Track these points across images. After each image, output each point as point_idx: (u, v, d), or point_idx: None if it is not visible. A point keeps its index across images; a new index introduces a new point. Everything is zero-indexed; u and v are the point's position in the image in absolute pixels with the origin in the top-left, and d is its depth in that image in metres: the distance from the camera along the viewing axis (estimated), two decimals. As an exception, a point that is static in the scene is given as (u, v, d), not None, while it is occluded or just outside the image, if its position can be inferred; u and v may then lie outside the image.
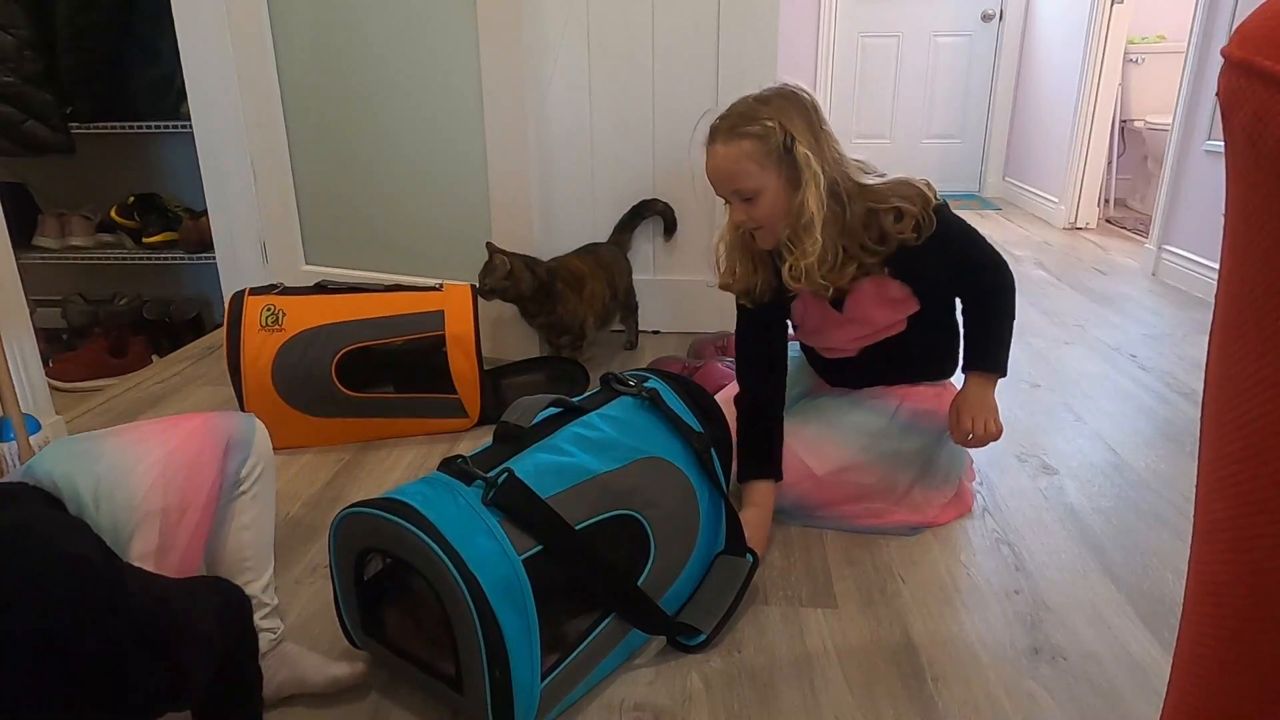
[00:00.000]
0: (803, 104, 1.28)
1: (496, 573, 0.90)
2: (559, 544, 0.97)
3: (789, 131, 1.24)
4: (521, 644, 0.91)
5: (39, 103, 2.34)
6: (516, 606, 0.91)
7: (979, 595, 1.24)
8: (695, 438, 1.18)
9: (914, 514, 1.41)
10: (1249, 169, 0.43)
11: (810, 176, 1.23)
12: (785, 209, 1.27)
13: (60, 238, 2.61)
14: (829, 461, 1.40)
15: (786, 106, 1.26)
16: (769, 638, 1.14)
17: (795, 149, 1.23)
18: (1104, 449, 1.70)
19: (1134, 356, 2.22)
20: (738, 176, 1.27)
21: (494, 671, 0.90)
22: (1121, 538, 1.38)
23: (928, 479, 1.43)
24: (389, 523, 0.92)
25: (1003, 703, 1.02)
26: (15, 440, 1.34)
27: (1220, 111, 0.45)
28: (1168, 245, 2.99)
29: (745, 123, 1.25)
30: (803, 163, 1.23)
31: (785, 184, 1.26)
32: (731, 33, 2.12)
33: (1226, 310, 0.48)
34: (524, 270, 1.93)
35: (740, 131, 1.25)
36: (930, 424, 1.42)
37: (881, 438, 1.40)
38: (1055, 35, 4.24)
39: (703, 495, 1.17)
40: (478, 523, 0.93)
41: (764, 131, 1.24)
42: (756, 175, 1.26)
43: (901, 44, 4.82)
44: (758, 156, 1.25)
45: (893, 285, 1.34)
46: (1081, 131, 3.83)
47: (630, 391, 1.19)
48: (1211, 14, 2.76)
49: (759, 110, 1.26)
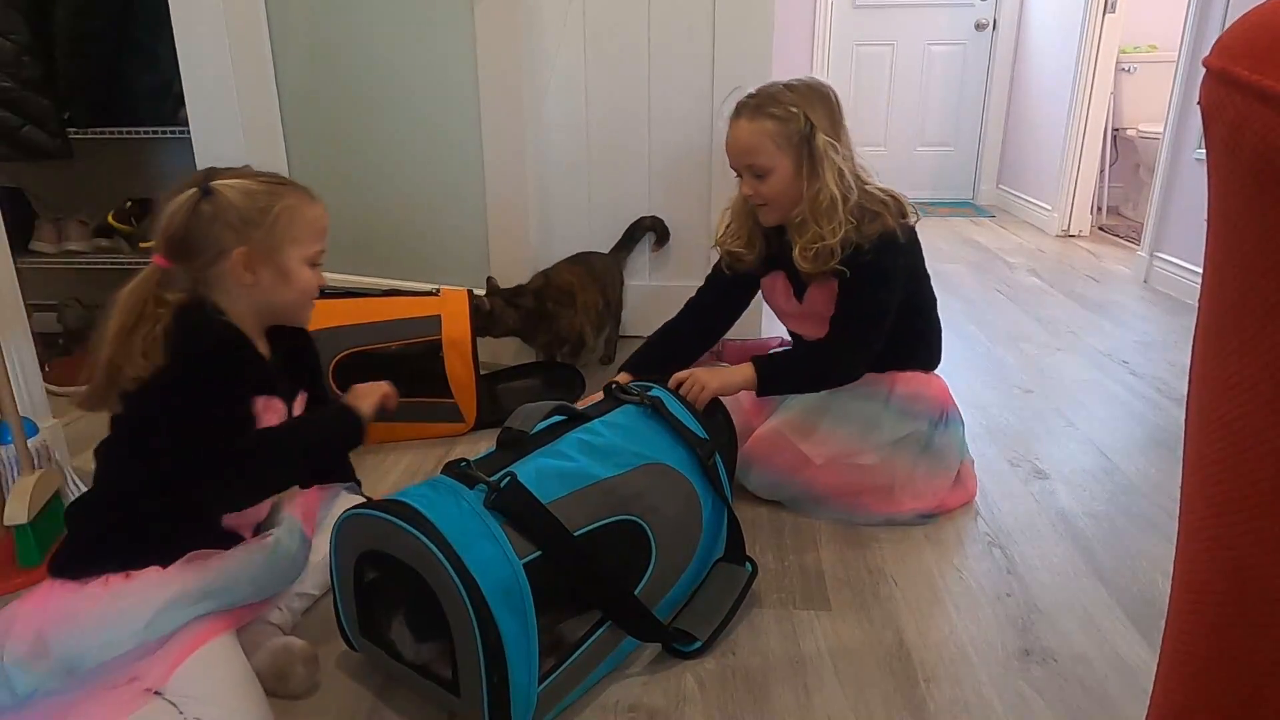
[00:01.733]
0: (828, 98, 1.37)
1: (497, 576, 0.90)
2: (557, 549, 0.98)
3: (810, 120, 1.33)
4: (519, 648, 0.91)
5: (37, 108, 2.34)
6: (515, 610, 0.91)
7: (971, 598, 1.25)
8: (699, 444, 1.19)
9: (920, 501, 1.43)
10: (1228, 176, 0.45)
11: (829, 164, 1.32)
12: (792, 191, 1.35)
13: (57, 243, 2.61)
14: (826, 449, 1.42)
15: (812, 96, 1.35)
16: (763, 639, 1.15)
17: (815, 136, 1.32)
18: (1095, 454, 1.71)
19: (1126, 363, 2.24)
20: (755, 151, 1.36)
21: (491, 675, 0.90)
22: (1112, 541, 1.39)
23: (926, 463, 1.44)
24: (390, 525, 0.93)
25: (994, 704, 1.03)
26: (13, 443, 1.34)
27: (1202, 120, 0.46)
28: (1159, 253, 3.02)
29: (771, 104, 1.35)
30: (823, 149, 1.32)
31: (796, 168, 1.35)
32: (727, 42, 2.14)
33: (1208, 313, 0.49)
34: (505, 308, 1.92)
35: (765, 111, 1.34)
36: (924, 407, 1.44)
37: (877, 424, 1.43)
38: (1048, 44, 4.27)
39: (705, 501, 1.18)
40: (479, 526, 0.93)
41: (787, 115, 1.33)
42: (772, 154, 1.35)
43: (896, 53, 4.85)
44: (777, 137, 1.34)
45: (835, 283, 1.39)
46: (1074, 140, 3.86)
47: (634, 399, 1.20)
48: (1201, 24, 2.79)
49: (786, 95, 1.35)
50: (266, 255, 1.05)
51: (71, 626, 0.95)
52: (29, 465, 1.35)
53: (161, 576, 0.99)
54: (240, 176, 1.06)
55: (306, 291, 1.11)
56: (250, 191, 1.04)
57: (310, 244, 1.09)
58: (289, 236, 1.06)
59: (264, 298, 1.08)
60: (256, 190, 1.05)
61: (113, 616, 0.95)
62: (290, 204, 1.07)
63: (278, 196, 1.06)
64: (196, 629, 0.98)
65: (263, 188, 1.05)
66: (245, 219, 1.03)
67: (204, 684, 0.94)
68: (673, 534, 1.12)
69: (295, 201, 1.07)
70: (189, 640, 0.97)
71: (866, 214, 1.34)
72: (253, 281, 1.06)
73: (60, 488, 1.41)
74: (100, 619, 0.95)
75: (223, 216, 1.02)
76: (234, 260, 1.03)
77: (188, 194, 1.02)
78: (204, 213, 1.02)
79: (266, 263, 1.06)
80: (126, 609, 0.96)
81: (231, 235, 1.03)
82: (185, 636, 0.97)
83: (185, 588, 0.99)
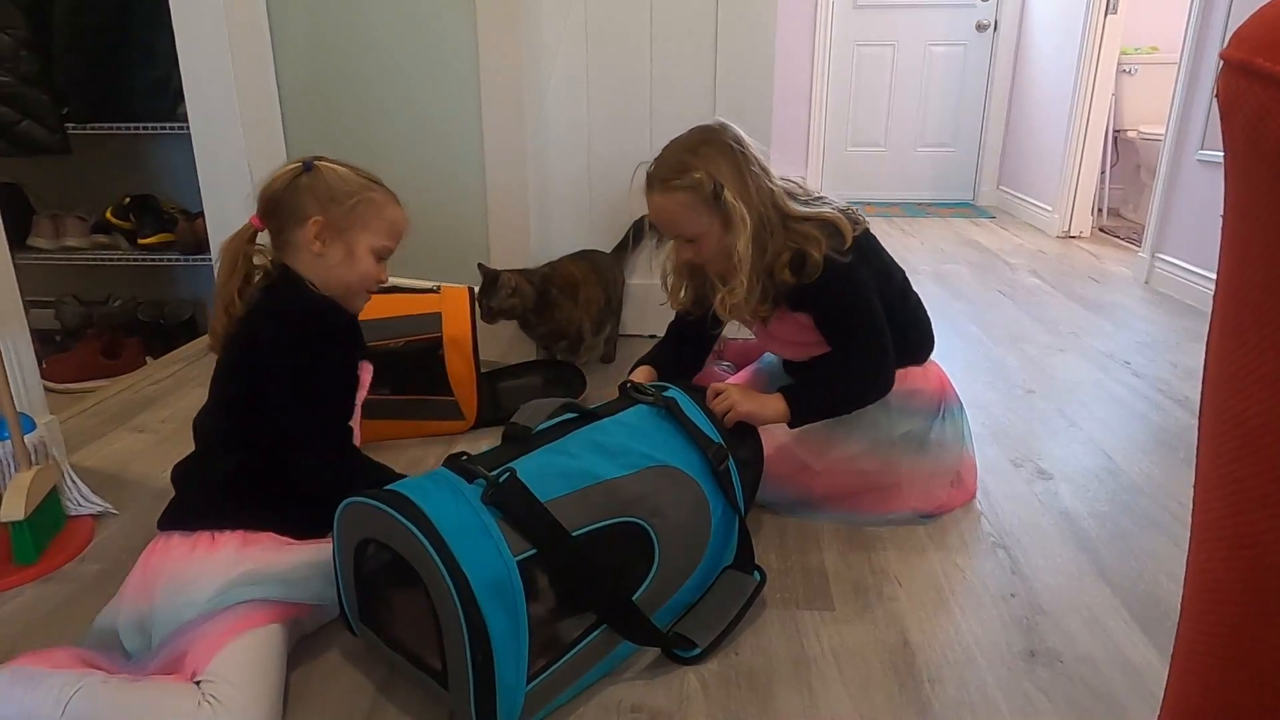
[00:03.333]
0: (728, 148, 1.32)
1: (488, 571, 0.89)
2: (553, 548, 0.96)
3: (716, 180, 1.29)
4: (508, 645, 0.90)
5: (35, 103, 2.33)
6: (507, 607, 0.90)
7: (975, 598, 1.24)
8: (712, 449, 1.16)
9: (919, 501, 1.42)
10: (1249, 169, 0.44)
11: (739, 222, 1.29)
12: (728, 243, 1.32)
13: (55, 239, 2.60)
14: (825, 452, 1.41)
15: (714, 155, 1.31)
16: (766, 640, 1.14)
17: (724, 196, 1.29)
18: (1098, 454, 1.70)
19: (1127, 363, 2.24)
20: (678, 224, 1.35)
21: (478, 671, 0.89)
22: (1116, 542, 1.39)
23: (927, 460, 1.43)
24: (384, 514, 0.93)
25: (999, 704, 1.03)
26: (10, 439, 1.33)
27: (1219, 114, 0.46)
28: (1160, 254, 3.01)
29: (676, 175, 1.31)
30: (729, 210, 1.29)
31: (723, 226, 1.31)
32: (729, 41, 2.13)
33: (1225, 310, 0.49)
34: (526, 284, 1.92)
35: (673, 185, 1.31)
36: (922, 403, 1.43)
37: (876, 425, 1.41)
38: (1049, 45, 4.27)
39: (716, 507, 1.15)
40: (475, 520, 0.92)
41: (694, 183, 1.30)
42: (695, 222, 1.33)
43: (896, 53, 4.85)
44: (694, 205, 1.31)
45: (802, 315, 1.37)
46: (1075, 141, 3.86)
47: (648, 399, 1.19)
48: (1204, 25, 2.79)
49: (688, 161, 1.31)
50: (339, 231, 1.16)
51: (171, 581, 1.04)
52: (26, 461, 1.34)
53: (238, 551, 1.06)
54: (342, 164, 1.20)
55: (367, 277, 1.20)
56: (344, 177, 1.18)
57: (382, 237, 1.20)
58: (363, 222, 1.18)
59: (328, 273, 1.17)
60: (350, 178, 1.18)
61: (192, 578, 1.03)
62: (375, 197, 1.20)
63: (367, 189, 1.19)
64: (252, 610, 1.01)
65: (356, 179, 1.19)
66: (331, 195, 1.16)
67: (232, 666, 0.96)
68: (678, 539, 1.10)
69: (381, 198, 1.21)
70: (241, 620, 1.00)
71: (795, 256, 1.30)
72: (320, 251, 1.16)
73: (57, 484, 1.40)
74: (184, 577, 1.03)
75: (314, 188, 1.15)
76: (309, 227, 1.15)
77: (291, 166, 1.17)
78: (300, 184, 1.16)
79: (338, 239, 1.16)
80: (205, 574, 1.03)
81: (314, 204, 1.15)
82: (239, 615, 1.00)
83: (255, 565, 1.04)
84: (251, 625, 1.00)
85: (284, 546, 1.09)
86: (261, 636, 1.00)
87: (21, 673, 0.96)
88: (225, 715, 0.92)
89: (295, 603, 1.07)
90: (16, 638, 1.15)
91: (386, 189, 1.22)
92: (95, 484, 1.49)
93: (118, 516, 1.45)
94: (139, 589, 1.07)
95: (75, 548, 1.36)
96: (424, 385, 1.75)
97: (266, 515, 1.10)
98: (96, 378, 2.31)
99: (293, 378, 1.13)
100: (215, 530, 1.07)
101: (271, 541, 1.09)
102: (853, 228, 1.33)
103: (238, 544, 1.06)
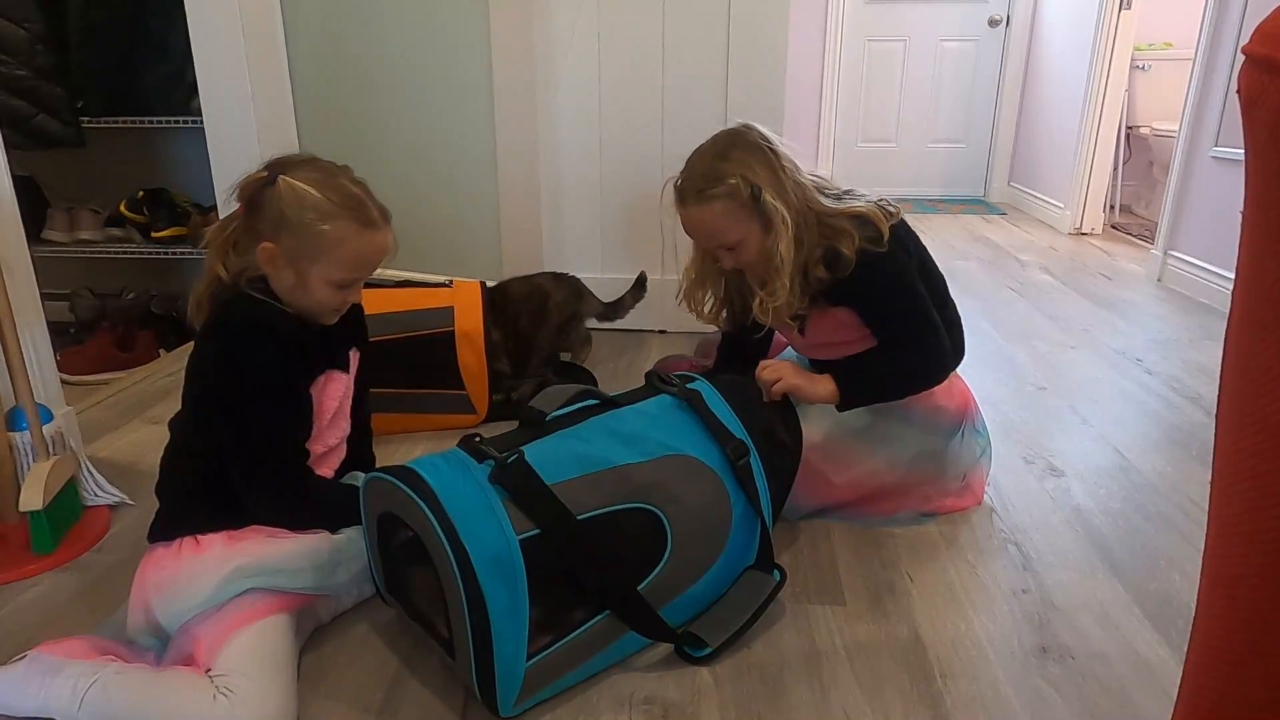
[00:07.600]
0: (758, 148, 1.29)
1: (489, 546, 0.92)
2: (555, 529, 0.97)
3: (753, 183, 1.26)
4: (506, 619, 0.92)
5: (50, 97, 2.34)
6: (506, 582, 0.92)
7: (987, 594, 1.24)
8: (731, 444, 1.13)
9: (920, 501, 1.43)
10: (1270, 164, 0.44)
11: (780, 223, 1.26)
12: (767, 250, 1.29)
13: (69, 231, 2.61)
14: (847, 468, 1.39)
15: (746, 158, 1.28)
16: (778, 634, 1.15)
17: (763, 198, 1.26)
18: (1110, 452, 1.70)
19: (1140, 361, 2.23)
20: (718, 234, 1.31)
21: (477, 642, 0.92)
22: (1128, 539, 1.38)
23: (943, 476, 1.43)
24: (397, 489, 0.96)
25: (1011, 700, 1.03)
26: (28, 430, 1.34)
27: (1241, 109, 0.46)
28: (1173, 251, 3.00)
29: (710, 184, 1.27)
30: (770, 212, 1.26)
31: (763, 229, 1.29)
32: (741, 37, 2.13)
33: (1244, 306, 0.48)
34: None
35: (708, 194, 1.28)
36: (945, 420, 1.41)
37: (897, 440, 1.40)
38: (1062, 41, 4.25)
39: (737, 503, 1.13)
40: (480, 498, 0.95)
41: (730, 190, 1.26)
42: (736, 229, 1.29)
43: (908, 49, 4.83)
44: (732, 212, 1.28)
45: (842, 311, 1.35)
46: (1087, 137, 3.83)
47: (671, 390, 1.18)
48: (1219, 21, 2.77)
49: (721, 168, 1.28)
50: (290, 260, 1.06)
51: (159, 591, 1.04)
52: (44, 452, 1.35)
53: (226, 548, 1.05)
54: (317, 182, 1.06)
55: (323, 305, 1.11)
56: (305, 201, 1.04)
57: (338, 271, 1.08)
58: (313, 255, 1.06)
59: (283, 293, 1.09)
60: (315, 201, 1.05)
61: (184, 582, 1.03)
62: (339, 227, 1.05)
63: (331, 217, 1.05)
64: (254, 602, 1.02)
65: (324, 202, 1.05)
66: (283, 221, 1.05)
67: (242, 658, 0.97)
68: (693, 529, 1.08)
69: (346, 228, 1.06)
70: (244, 613, 1.01)
71: (828, 252, 1.28)
72: (273, 273, 1.08)
73: (74, 475, 1.41)
74: (175, 584, 1.03)
75: (269, 208, 1.05)
76: (259, 251, 1.06)
77: (258, 175, 1.07)
78: (265, 195, 1.05)
79: (288, 266, 1.07)
80: (197, 575, 1.02)
81: (269, 227, 1.06)
82: (241, 608, 1.01)
83: (246, 560, 1.04)
84: (256, 617, 1.01)
85: (274, 538, 1.08)
86: (268, 627, 1.01)
87: (40, 661, 0.97)
88: (241, 706, 0.93)
89: (296, 592, 1.07)
90: (35, 626, 1.17)
91: (366, 211, 1.07)
92: (111, 475, 1.50)
93: (133, 507, 1.46)
94: (137, 604, 1.07)
95: (92, 537, 1.37)
96: (436, 379, 1.76)
97: (245, 514, 1.08)
98: (111, 370, 2.32)
99: (217, 397, 1.07)
100: (198, 534, 1.06)
101: (259, 534, 1.08)
102: (887, 218, 1.31)
103: (224, 541, 1.05)
